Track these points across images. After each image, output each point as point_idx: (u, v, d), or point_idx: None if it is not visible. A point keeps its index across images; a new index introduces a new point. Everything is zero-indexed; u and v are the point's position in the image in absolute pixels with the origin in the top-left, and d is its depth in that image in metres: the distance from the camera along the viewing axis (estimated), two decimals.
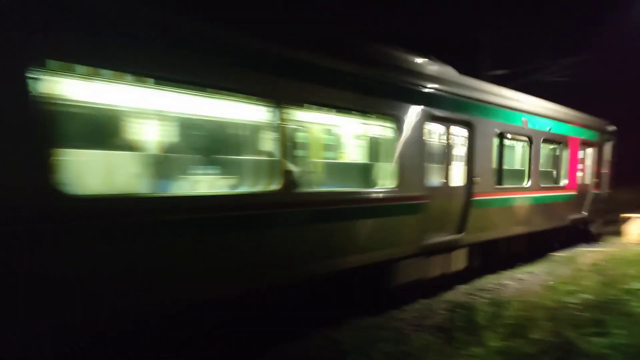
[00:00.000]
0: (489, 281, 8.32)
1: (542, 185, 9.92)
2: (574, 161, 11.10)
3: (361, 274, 6.12)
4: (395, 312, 6.51)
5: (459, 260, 7.96)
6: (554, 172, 10.66)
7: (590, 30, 19.71)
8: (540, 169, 9.88)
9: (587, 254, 8.60)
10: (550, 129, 10.03)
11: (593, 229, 11.28)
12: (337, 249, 5.59)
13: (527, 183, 9.50)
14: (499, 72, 17.52)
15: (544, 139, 9.82)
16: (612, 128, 13.02)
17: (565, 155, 10.76)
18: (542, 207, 9.82)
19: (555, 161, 10.70)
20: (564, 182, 10.77)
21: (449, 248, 7.56)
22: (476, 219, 7.84)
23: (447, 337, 5.39)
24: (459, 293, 7.46)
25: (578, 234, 11.21)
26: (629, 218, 10.55)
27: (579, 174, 11.52)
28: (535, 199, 9.63)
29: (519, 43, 17.22)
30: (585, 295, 5.95)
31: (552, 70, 17.06)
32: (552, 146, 10.55)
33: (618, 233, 10.47)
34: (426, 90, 6.75)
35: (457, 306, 5.99)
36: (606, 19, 18.21)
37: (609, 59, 21.24)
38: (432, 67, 7.02)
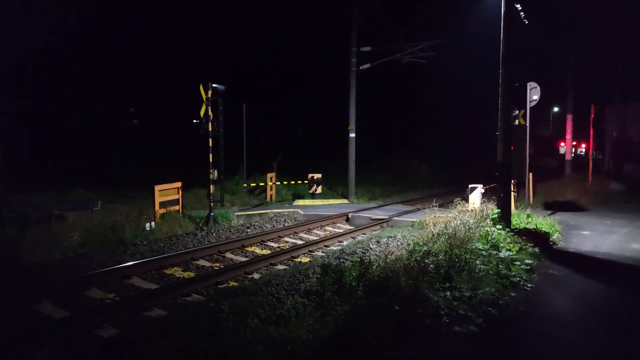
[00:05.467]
0: (356, 246, 8.92)
1: None
2: None
3: None
4: (269, 278, 6.65)
5: None
6: None
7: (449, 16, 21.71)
8: None
9: (437, 219, 9.67)
10: None
11: None
12: None
13: None
14: (366, 48, 18.40)
15: None
16: None
17: None
18: None
19: None
20: None
21: None
22: None
23: (319, 298, 5.69)
24: (331, 258, 7.88)
25: None
26: (475, 187, 12.09)
27: None
28: None
29: (385, 23, 18.22)
30: (438, 256, 6.70)
31: (415, 51, 18.39)
32: None
33: (466, 200, 11.92)
34: None
35: (327, 269, 6.31)
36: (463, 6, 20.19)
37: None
38: None
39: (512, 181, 10.43)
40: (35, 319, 5.64)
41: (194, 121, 12.08)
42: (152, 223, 10.61)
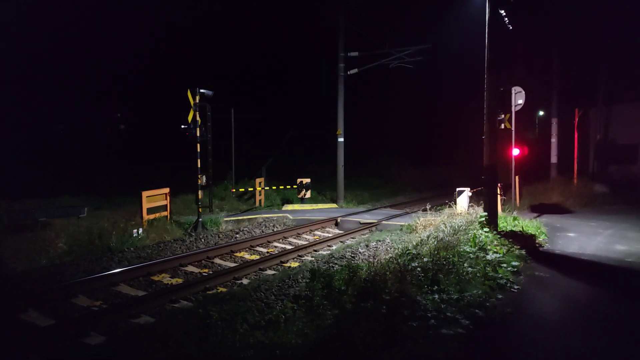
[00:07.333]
0: (345, 250, 8.94)
1: None
2: None
3: None
4: (258, 283, 6.64)
5: None
6: None
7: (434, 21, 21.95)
8: None
9: (426, 223, 9.76)
10: None
11: None
12: None
13: None
14: (354, 54, 18.52)
15: None
16: None
17: None
18: None
19: None
20: None
21: None
22: None
23: (308, 303, 5.70)
24: (320, 262, 7.89)
25: None
26: (462, 191, 12.20)
27: None
28: None
29: (372, 28, 18.36)
30: (425, 259, 6.75)
31: (402, 56, 18.54)
32: None
33: (452, 204, 12.01)
34: None
35: (316, 274, 6.32)
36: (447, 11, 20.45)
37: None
38: None
39: (499, 184, 10.54)
40: (21, 327, 5.57)
41: (182, 126, 12.04)
42: (140, 229, 10.53)
